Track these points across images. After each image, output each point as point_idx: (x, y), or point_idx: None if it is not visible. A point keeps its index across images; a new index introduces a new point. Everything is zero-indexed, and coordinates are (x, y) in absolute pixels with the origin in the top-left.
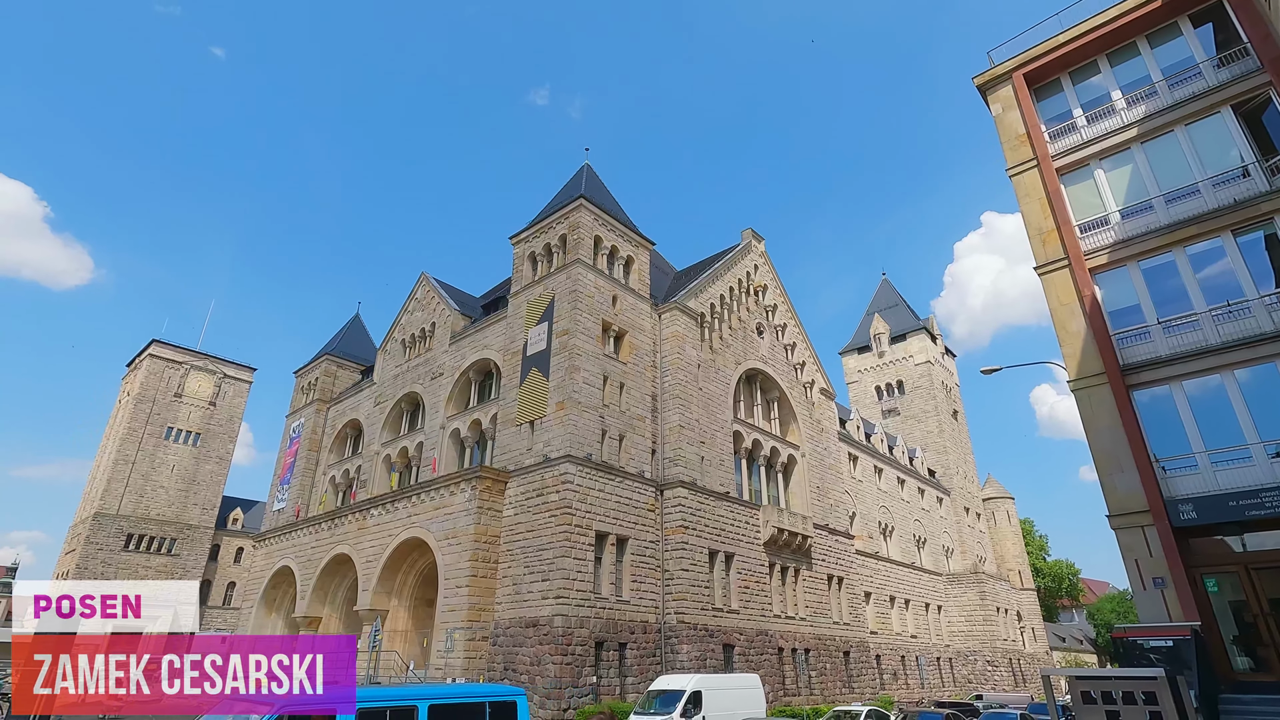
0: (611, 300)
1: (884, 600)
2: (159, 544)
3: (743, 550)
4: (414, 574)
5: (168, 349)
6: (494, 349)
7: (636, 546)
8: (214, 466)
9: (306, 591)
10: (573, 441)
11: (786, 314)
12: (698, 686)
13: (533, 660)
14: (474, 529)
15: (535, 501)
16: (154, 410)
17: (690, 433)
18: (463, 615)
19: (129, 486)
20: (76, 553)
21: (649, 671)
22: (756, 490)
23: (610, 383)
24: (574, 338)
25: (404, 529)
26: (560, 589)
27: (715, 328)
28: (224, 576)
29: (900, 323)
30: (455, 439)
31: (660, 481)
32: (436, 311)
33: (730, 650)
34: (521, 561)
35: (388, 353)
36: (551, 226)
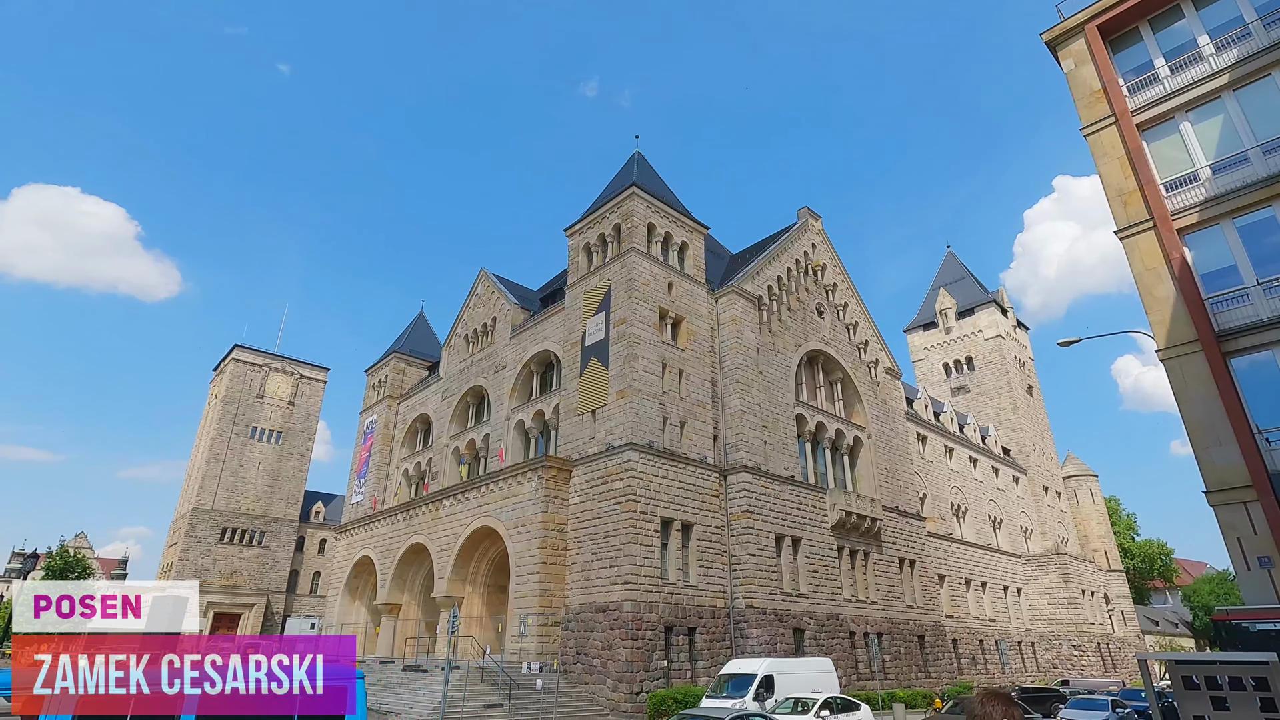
0: (667, 287)
1: (959, 583)
2: (250, 536)
3: (810, 534)
4: (486, 561)
5: (249, 353)
6: (553, 341)
7: (702, 532)
8: (295, 462)
9: (386, 580)
10: (634, 429)
11: (847, 293)
12: (769, 670)
13: (604, 645)
14: (542, 517)
15: (600, 489)
16: (239, 411)
17: (752, 417)
18: (535, 601)
19: (221, 483)
20: (178, 546)
21: (719, 656)
22: (822, 473)
23: (669, 369)
24: (631, 326)
25: (475, 518)
26: (628, 575)
27: (774, 310)
28: (310, 566)
29: (968, 297)
30: (520, 430)
31: (723, 467)
32: (497, 306)
33: (800, 634)
34: (589, 548)
35: (452, 348)
36: (605, 216)
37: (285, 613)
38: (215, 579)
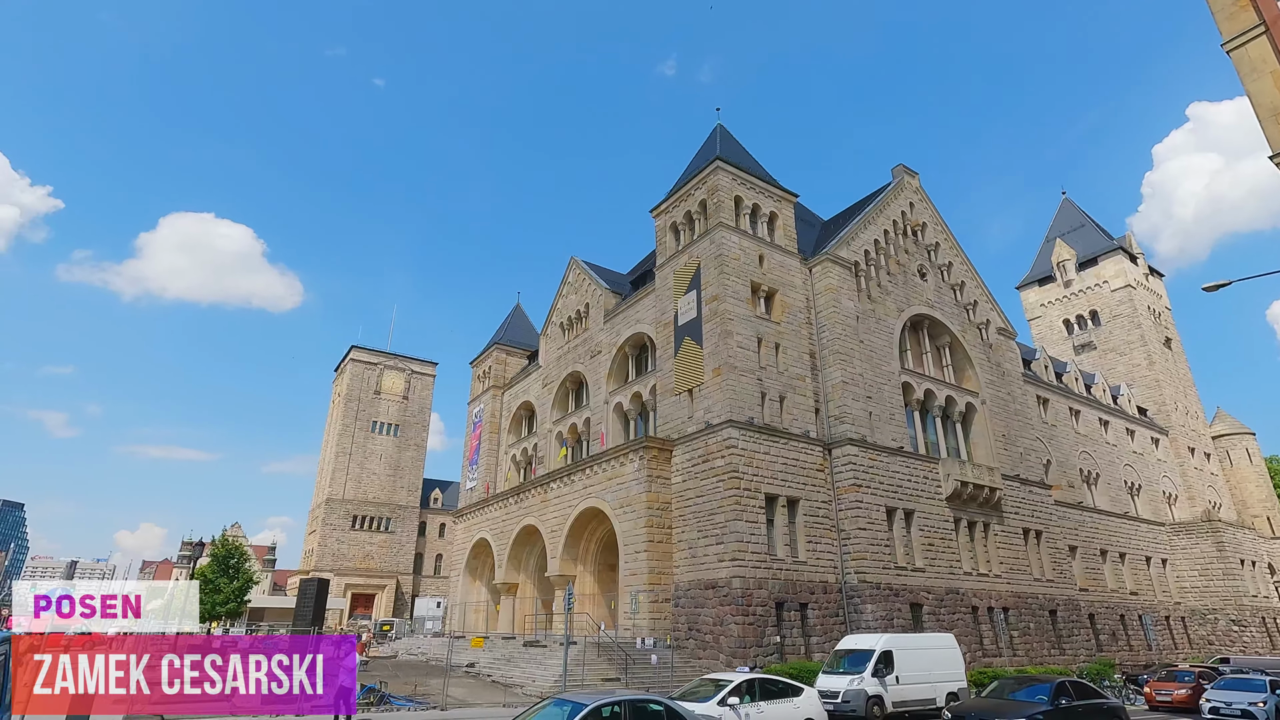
0: (758, 260)
1: (1093, 554)
2: (377, 522)
3: (923, 506)
4: (595, 541)
5: (364, 353)
6: (646, 322)
7: (808, 507)
8: (413, 453)
9: (502, 560)
10: (732, 406)
11: (950, 251)
12: (888, 646)
13: (715, 621)
14: (645, 497)
15: (701, 468)
16: (360, 407)
17: (854, 388)
18: (644, 579)
19: (349, 475)
20: (317, 533)
21: (833, 631)
22: (933, 443)
23: (765, 344)
24: (723, 303)
25: (581, 499)
26: (735, 551)
27: (872, 275)
28: (432, 549)
29: (1089, 245)
30: (619, 412)
31: (827, 440)
32: (589, 293)
33: (918, 609)
34: (694, 526)
35: (549, 336)
36: (690, 193)
37: (413, 593)
38: (350, 563)
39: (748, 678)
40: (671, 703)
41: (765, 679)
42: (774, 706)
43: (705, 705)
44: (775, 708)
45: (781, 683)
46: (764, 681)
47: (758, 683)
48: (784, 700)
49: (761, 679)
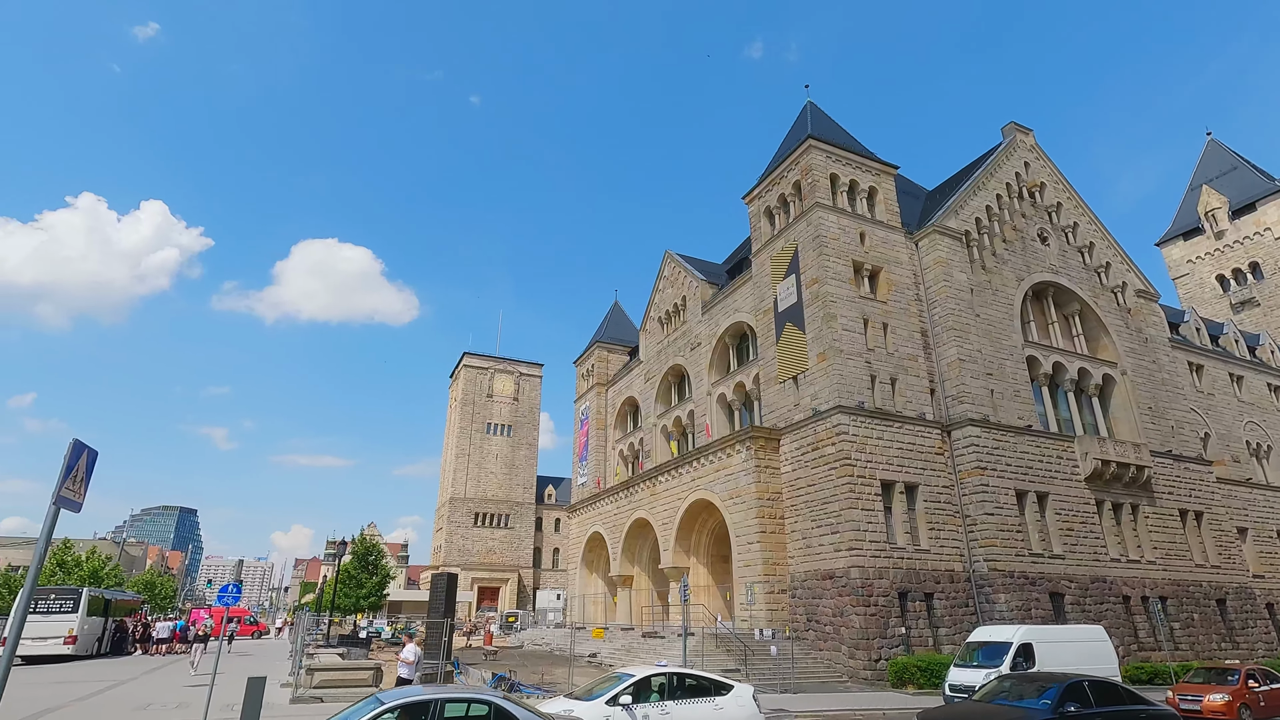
0: (859, 238)
1: (1269, 536)
2: (497, 519)
3: (1058, 488)
4: (706, 533)
5: (476, 358)
6: (745, 311)
7: (928, 493)
8: (526, 452)
9: (616, 554)
10: (840, 391)
11: (1075, 211)
12: (1027, 639)
13: (834, 612)
14: (755, 487)
15: (811, 456)
16: (474, 410)
17: (973, 365)
18: (758, 570)
19: (468, 475)
20: (443, 530)
21: (963, 622)
22: (1066, 420)
23: (871, 325)
24: (824, 285)
25: (690, 492)
26: (851, 541)
27: (985, 244)
28: (549, 543)
29: (1243, 190)
30: (722, 403)
31: (945, 422)
32: (685, 285)
33: (1059, 599)
34: (807, 516)
35: (648, 331)
36: (783, 176)
37: (534, 585)
38: (475, 557)
39: (655, 672)
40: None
41: (681, 674)
42: (686, 708)
43: (590, 705)
44: (687, 709)
45: (703, 679)
46: (680, 676)
47: (671, 679)
48: (701, 700)
49: (676, 674)
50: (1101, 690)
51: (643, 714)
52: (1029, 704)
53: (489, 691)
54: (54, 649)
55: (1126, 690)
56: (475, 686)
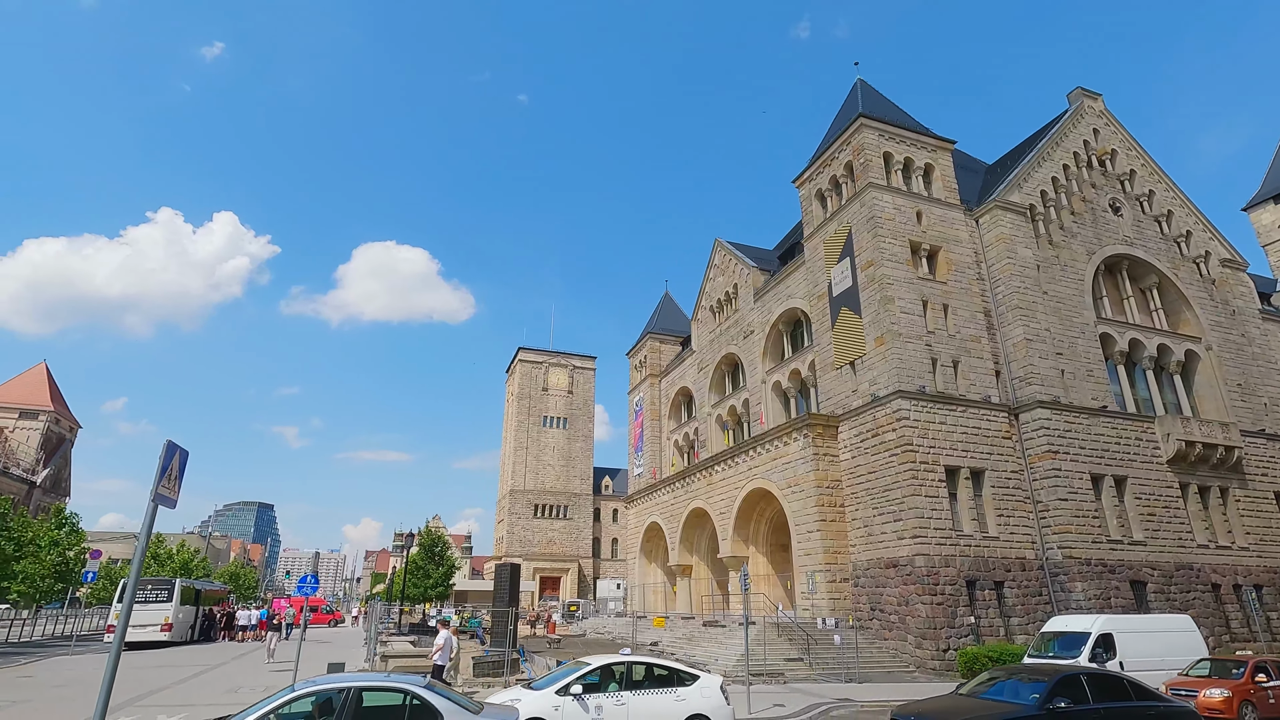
0: (915, 217)
1: None
2: (556, 510)
3: (1137, 471)
4: (765, 522)
5: (530, 353)
6: (798, 297)
7: (996, 478)
8: (582, 444)
9: (674, 543)
10: (900, 376)
11: (1151, 178)
12: (1107, 628)
13: (899, 601)
14: (813, 475)
15: (871, 443)
16: (531, 404)
17: (1041, 345)
18: (819, 558)
19: (527, 467)
20: (505, 522)
21: (1036, 612)
22: (1144, 399)
23: (931, 307)
24: (880, 267)
25: (747, 481)
26: (915, 528)
27: (1052, 218)
28: (607, 534)
29: None
30: (777, 391)
31: (1013, 405)
32: (736, 273)
33: (1141, 587)
34: (869, 503)
35: (700, 321)
36: (834, 157)
37: (594, 575)
38: (536, 548)
39: (614, 661)
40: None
41: (643, 663)
42: (644, 698)
43: (539, 694)
44: (646, 699)
45: (666, 668)
46: (641, 666)
47: (631, 668)
48: (662, 691)
49: (637, 662)
50: (1103, 684)
51: (595, 704)
52: (1015, 698)
53: (410, 679)
54: (152, 635)
55: (1135, 685)
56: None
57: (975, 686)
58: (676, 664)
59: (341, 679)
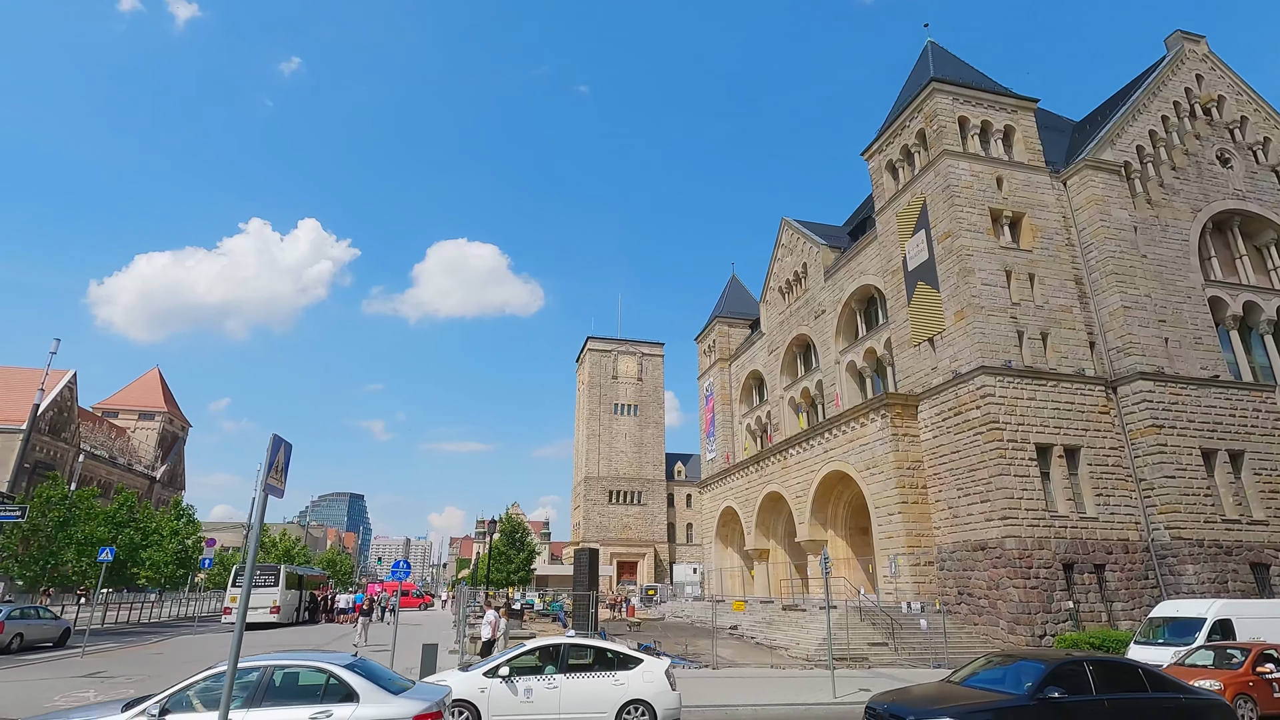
0: (995, 183)
1: None
2: (629, 496)
3: (1256, 445)
4: (843, 505)
5: (599, 341)
6: (871, 273)
7: (1092, 455)
8: (653, 430)
9: (750, 527)
10: (983, 351)
11: (1266, 124)
12: (1224, 614)
13: (989, 585)
14: (892, 456)
15: (953, 421)
16: (601, 392)
17: (1140, 312)
18: (901, 541)
19: (600, 454)
20: (581, 508)
21: (1142, 596)
22: (1264, 367)
23: (1015, 277)
24: (958, 238)
25: (823, 464)
26: (1004, 509)
27: (1150, 175)
28: (682, 519)
29: None
30: (852, 371)
31: (1110, 377)
32: (805, 252)
33: (1263, 571)
34: (953, 484)
35: (768, 303)
36: (904, 125)
37: (670, 560)
38: (612, 533)
39: (550, 643)
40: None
41: (581, 645)
42: (578, 681)
43: (468, 675)
44: (580, 683)
45: (606, 651)
46: (578, 648)
47: (568, 649)
48: (600, 675)
49: (575, 644)
50: (1112, 673)
51: (525, 687)
52: (1004, 686)
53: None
54: (262, 617)
55: (1153, 675)
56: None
57: (969, 672)
58: (619, 648)
59: (262, 658)
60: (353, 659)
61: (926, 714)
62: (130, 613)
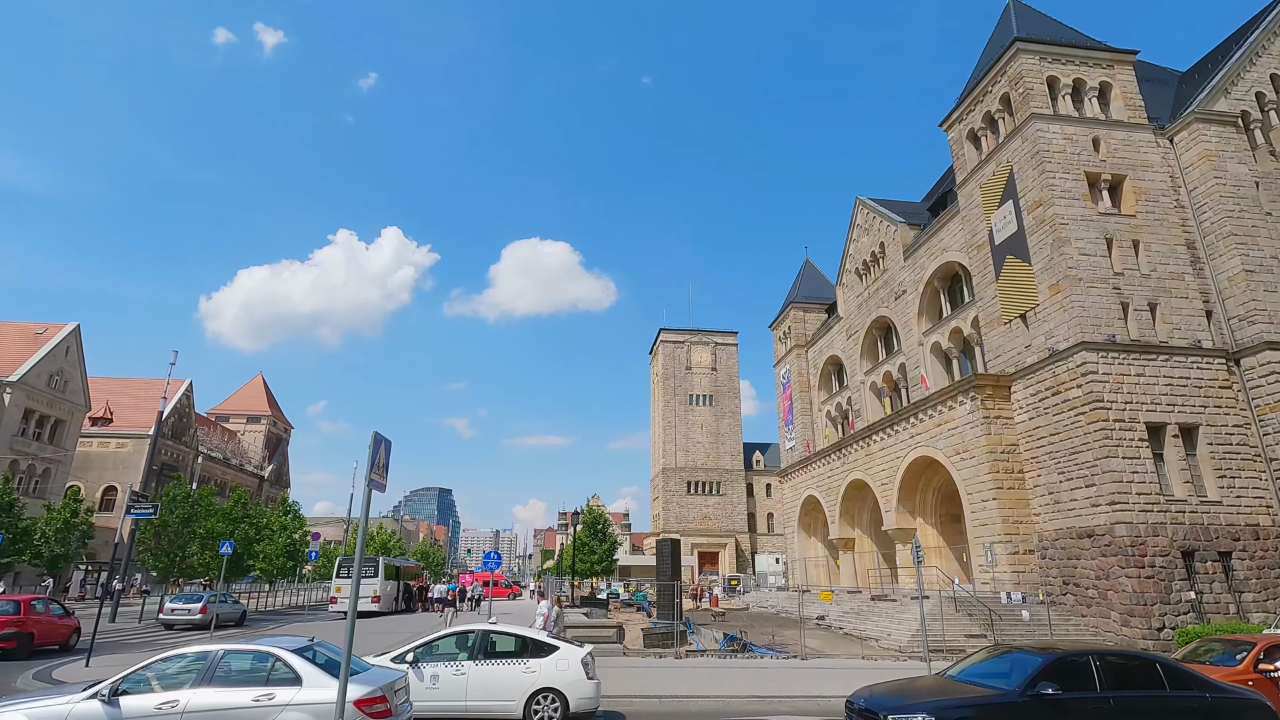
0: (1091, 145)
1: None
2: (708, 487)
3: None
4: (932, 491)
5: (672, 333)
6: (954, 249)
7: (1213, 434)
8: (729, 420)
9: (834, 516)
10: (1082, 325)
11: None
12: None
13: (1098, 574)
14: (984, 440)
15: (1051, 402)
16: (676, 383)
17: (1266, 276)
18: (996, 529)
19: (676, 445)
20: (659, 499)
21: (1277, 586)
22: None
23: (1117, 244)
24: (1050, 207)
25: (909, 450)
26: (1113, 494)
27: (1273, 124)
28: (762, 509)
29: None
30: (937, 352)
31: (1231, 349)
32: (882, 231)
33: None
34: (1053, 468)
35: (845, 285)
36: (986, 91)
37: (751, 550)
38: (692, 524)
39: (459, 630)
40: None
41: (502, 632)
42: (487, 668)
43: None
44: (488, 669)
45: (519, 638)
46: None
47: (478, 636)
48: (510, 661)
49: (487, 631)
50: (1123, 669)
51: (431, 674)
52: (995, 682)
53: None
54: (365, 606)
55: (1175, 671)
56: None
57: (970, 664)
58: (535, 635)
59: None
60: (310, 644)
61: (901, 709)
62: (248, 602)
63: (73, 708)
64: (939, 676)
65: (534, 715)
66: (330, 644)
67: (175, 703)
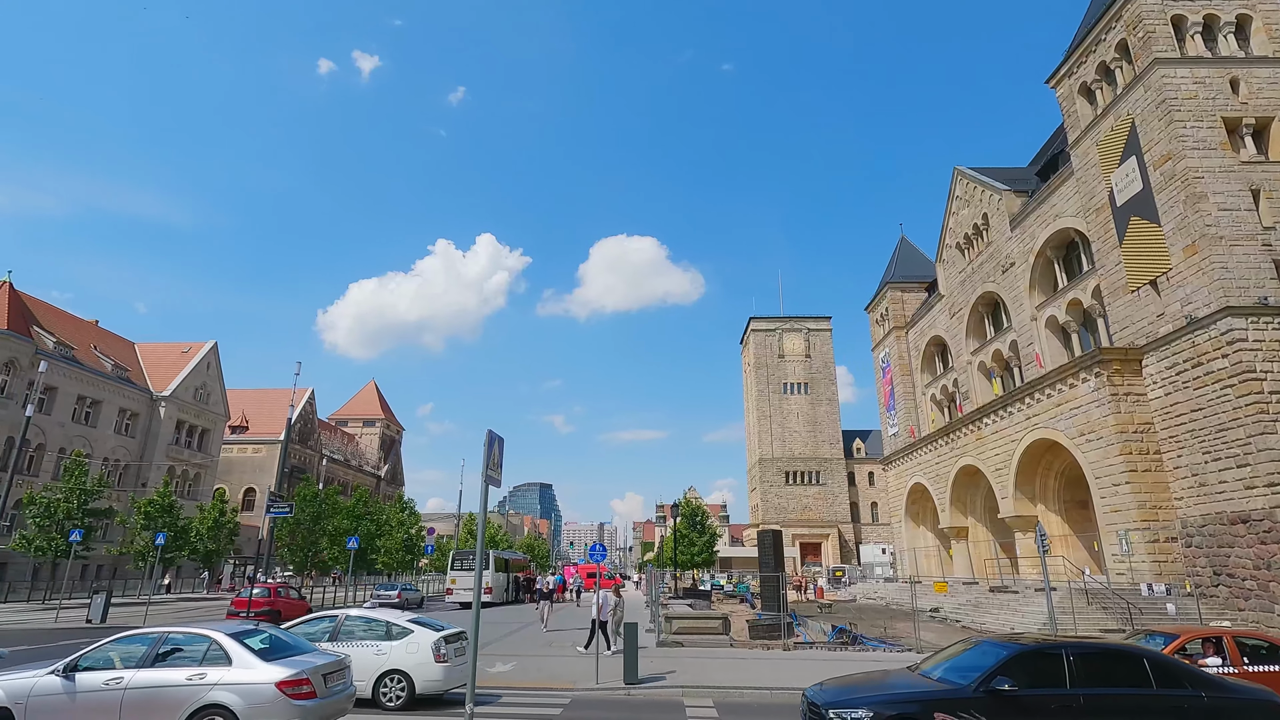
0: (1229, 86)
1: None
2: (807, 476)
3: None
4: (1053, 476)
5: (762, 321)
6: (1068, 215)
7: None
8: (826, 407)
9: (944, 504)
10: (1226, 289)
11: None
12: None
13: (1257, 563)
14: (1113, 420)
15: (1192, 374)
16: (769, 373)
17: None
18: (1132, 515)
19: (772, 435)
20: (757, 490)
21: None
22: None
23: (1266, 196)
24: (1181, 159)
25: (1025, 432)
26: (1271, 475)
27: None
28: (865, 498)
29: None
30: (1053, 326)
31: None
32: (984, 201)
33: None
34: (1195, 448)
35: (945, 262)
36: (1099, 39)
37: (855, 540)
38: (792, 515)
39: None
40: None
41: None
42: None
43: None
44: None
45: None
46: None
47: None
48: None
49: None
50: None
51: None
52: (953, 676)
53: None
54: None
55: (1164, 666)
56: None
57: (943, 658)
58: (393, 619)
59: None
60: (252, 628)
61: (844, 704)
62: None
63: (36, 681)
64: (907, 670)
65: (381, 695)
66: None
67: (121, 679)
